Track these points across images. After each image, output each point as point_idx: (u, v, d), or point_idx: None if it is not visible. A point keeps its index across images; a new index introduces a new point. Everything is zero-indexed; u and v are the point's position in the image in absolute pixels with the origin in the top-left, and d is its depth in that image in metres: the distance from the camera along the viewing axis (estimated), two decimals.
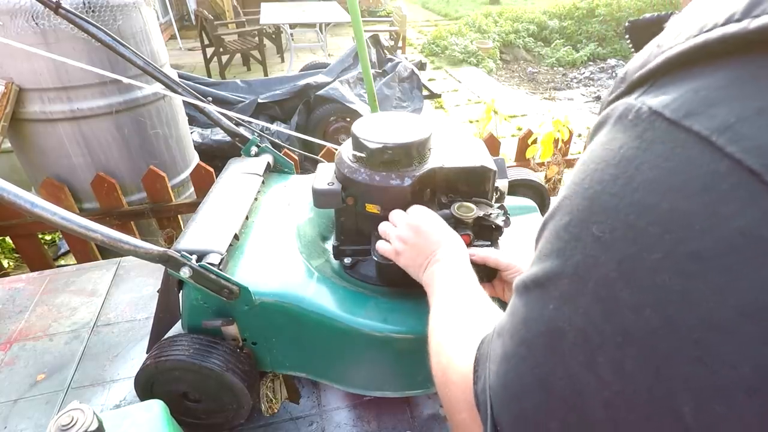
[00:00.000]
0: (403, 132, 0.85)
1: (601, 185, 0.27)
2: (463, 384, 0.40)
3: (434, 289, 0.64)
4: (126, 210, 1.99)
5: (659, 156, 0.25)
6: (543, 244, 0.32)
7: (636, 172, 0.26)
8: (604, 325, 0.26)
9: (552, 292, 0.30)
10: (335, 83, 3.67)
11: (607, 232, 0.26)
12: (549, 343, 0.29)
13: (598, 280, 0.26)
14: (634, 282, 0.25)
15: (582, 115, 5.33)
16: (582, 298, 0.27)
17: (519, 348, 0.32)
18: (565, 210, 0.30)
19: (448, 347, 0.49)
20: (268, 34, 6.69)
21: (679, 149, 0.24)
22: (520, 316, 0.33)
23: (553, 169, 2.31)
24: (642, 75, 0.28)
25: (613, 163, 0.27)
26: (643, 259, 0.24)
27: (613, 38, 7.79)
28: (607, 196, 0.27)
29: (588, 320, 0.27)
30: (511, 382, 0.32)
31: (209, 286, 0.85)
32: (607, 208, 0.27)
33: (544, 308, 0.30)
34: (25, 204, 0.67)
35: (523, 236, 1.06)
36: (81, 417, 0.66)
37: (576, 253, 0.28)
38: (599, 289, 0.26)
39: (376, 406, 1.16)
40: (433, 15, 10.99)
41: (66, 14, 1.19)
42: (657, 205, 0.24)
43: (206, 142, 3.23)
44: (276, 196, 1.19)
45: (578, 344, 0.27)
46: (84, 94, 1.92)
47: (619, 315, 0.25)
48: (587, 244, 0.27)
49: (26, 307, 1.48)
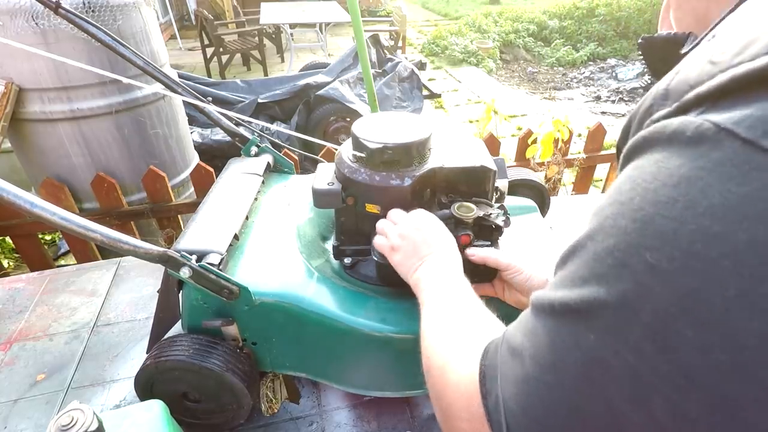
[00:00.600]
0: (403, 132, 0.85)
1: (655, 206, 0.25)
2: (465, 392, 0.39)
3: (425, 291, 0.63)
4: (126, 210, 1.99)
5: (731, 179, 0.22)
6: (578, 267, 0.30)
7: (700, 195, 0.23)
8: (660, 364, 0.24)
9: (593, 322, 0.27)
10: (335, 83, 3.67)
11: (664, 261, 0.24)
12: (587, 374, 0.27)
13: (653, 314, 0.24)
14: (701, 320, 0.22)
15: (582, 115, 5.34)
16: (632, 332, 0.25)
17: (545, 374, 0.30)
18: (608, 231, 0.27)
19: (443, 349, 0.48)
20: (268, 34, 6.69)
21: (755, 172, 0.21)
22: (544, 341, 0.31)
23: (553, 169, 2.31)
24: (702, 92, 0.25)
25: (670, 184, 0.25)
26: (713, 295, 0.22)
27: (613, 38, 7.79)
28: (664, 219, 0.24)
29: (639, 356, 0.25)
30: (533, 409, 0.30)
31: (209, 286, 0.84)
32: (664, 233, 0.24)
33: (582, 338, 0.28)
34: (25, 204, 0.67)
35: (523, 236, 1.06)
36: (81, 417, 0.66)
37: (624, 281, 0.26)
38: (655, 324, 0.24)
39: (376, 406, 1.16)
40: (433, 15, 10.99)
41: (66, 14, 1.19)
42: (731, 235, 0.22)
43: (206, 142, 3.23)
44: (276, 196, 1.19)
45: (626, 379, 0.25)
46: (84, 94, 1.92)
47: (682, 355, 0.23)
48: (638, 272, 0.25)
49: (26, 307, 1.48)
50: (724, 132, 0.23)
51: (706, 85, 0.25)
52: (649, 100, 0.30)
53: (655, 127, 0.27)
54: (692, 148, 0.24)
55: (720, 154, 0.23)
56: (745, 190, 0.22)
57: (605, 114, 5.48)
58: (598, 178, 3.09)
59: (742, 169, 0.22)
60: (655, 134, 0.27)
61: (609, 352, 0.26)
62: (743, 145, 0.22)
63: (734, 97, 0.24)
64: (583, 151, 2.44)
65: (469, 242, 0.82)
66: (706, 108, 0.25)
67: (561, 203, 2.04)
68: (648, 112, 0.29)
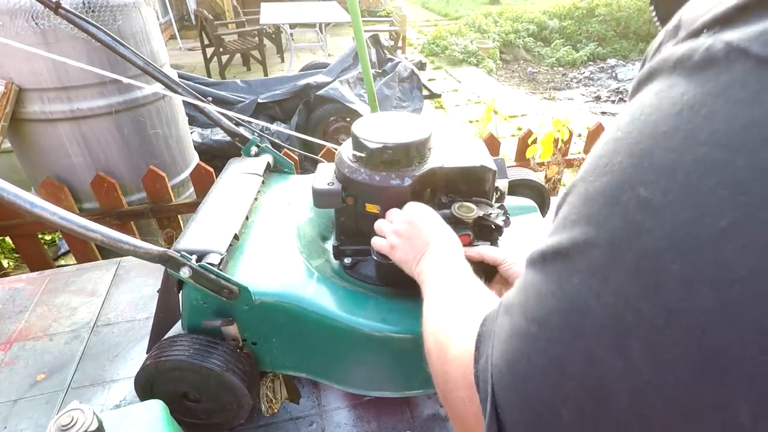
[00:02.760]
0: (403, 132, 0.85)
1: (653, 139, 0.23)
2: (463, 362, 0.37)
3: (428, 278, 0.63)
4: (126, 210, 1.99)
5: (739, 102, 0.20)
6: (568, 210, 0.28)
7: (704, 122, 0.21)
8: (641, 303, 0.22)
9: (578, 263, 0.25)
10: (335, 83, 3.67)
11: (659, 194, 0.22)
12: (568, 320, 0.25)
13: (640, 251, 0.22)
14: (690, 253, 0.20)
15: (582, 115, 5.33)
16: (616, 272, 0.23)
17: (530, 325, 0.28)
18: (601, 170, 0.25)
19: (445, 327, 0.46)
20: (268, 34, 6.69)
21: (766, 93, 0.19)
22: (533, 291, 0.29)
23: (553, 169, 2.31)
24: (716, 14, 0.22)
25: (672, 113, 0.22)
26: (706, 226, 0.20)
27: (613, 38, 7.79)
28: (662, 150, 0.22)
29: (621, 297, 0.23)
30: (517, 362, 0.28)
31: (209, 286, 0.85)
32: (661, 165, 0.22)
33: (566, 281, 0.26)
34: (25, 204, 0.67)
35: (523, 236, 1.06)
36: (81, 417, 0.66)
37: (614, 219, 0.24)
38: (641, 261, 0.22)
39: (376, 406, 1.16)
40: (433, 15, 10.99)
41: (66, 14, 1.19)
42: (731, 161, 0.20)
43: (206, 142, 3.23)
44: (276, 196, 1.19)
45: (606, 324, 0.23)
46: (84, 94, 1.92)
47: (664, 292, 0.21)
48: (630, 208, 0.23)
49: (26, 307, 1.48)
50: (735, 51, 0.20)
51: (723, 3, 0.22)
52: (660, 36, 0.27)
53: (660, 56, 0.25)
54: (698, 73, 0.22)
55: (729, 77, 0.21)
56: (753, 113, 0.19)
57: (605, 114, 5.48)
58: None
59: (753, 90, 0.20)
60: (661, 63, 0.25)
61: (591, 296, 0.24)
62: (757, 64, 0.20)
63: (753, 12, 0.21)
64: (583, 151, 2.44)
65: (469, 242, 0.82)
66: (718, 28, 0.22)
67: None
68: (658, 48, 0.27)
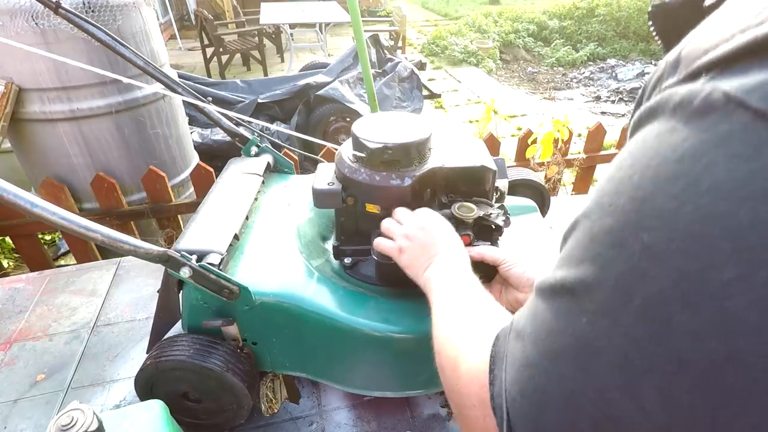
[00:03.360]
0: (403, 132, 0.85)
1: (654, 185, 0.23)
2: (476, 379, 0.38)
3: (436, 287, 0.63)
4: (126, 210, 1.99)
5: (738, 154, 0.20)
6: (574, 246, 0.28)
7: (704, 171, 0.21)
8: (651, 349, 0.23)
9: (585, 303, 0.26)
10: (335, 83, 3.67)
11: (662, 242, 0.22)
12: (579, 359, 0.26)
13: (647, 298, 0.23)
14: (696, 305, 0.21)
15: (582, 115, 5.34)
16: (625, 316, 0.24)
17: (542, 359, 0.29)
18: (606, 209, 0.26)
19: (456, 339, 0.47)
20: (268, 34, 6.69)
21: (766, 147, 0.20)
22: (544, 323, 0.30)
23: (553, 169, 2.31)
24: (716, 56, 0.23)
25: (672, 159, 0.23)
26: (710, 279, 0.21)
27: (613, 38, 7.79)
28: (664, 198, 0.23)
29: (631, 342, 0.23)
30: (531, 392, 0.29)
31: (209, 286, 0.84)
32: (662, 212, 0.23)
33: (575, 320, 0.27)
34: (25, 204, 0.67)
35: (523, 236, 1.06)
36: (81, 417, 0.66)
37: (618, 263, 0.25)
38: (649, 308, 0.23)
39: (376, 406, 1.16)
40: (433, 15, 10.99)
41: (66, 14, 1.19)
42: (733, 214, 0.20)
43: (206, 142, 3.23)
44: (276, 196, 1.19)
45: (617, 366, 0.24)
46: (84, 94, 1.92)
47: (673, 340, 0.22)
48: (634, 253, 0.24)
49: (26, 307, 1.48)
50: (734, 102, 0.21)
51: (721, 47, 0.23)
52: (660, 69, 0.28)
53: (661, 96, 0.26)
54: (698, 119, 0.22)
55: (728, 127, 0.21)
56: (753, 167, 0.20)
57: (605, 114, 5.48)
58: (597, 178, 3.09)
59: (751, 144, 0.20)
60: (661, 103, 0.25)
61: (601, 337, 0.25)
62: (754, 117, 0.20)
63: (750, 61, 0.21)
64: (583, 151, 2.44)
65: (469, 242, 0.82)
66: (716, 73, 0.23)
67: (561, 203, 2.04)
68: (658, 81, 0.27)
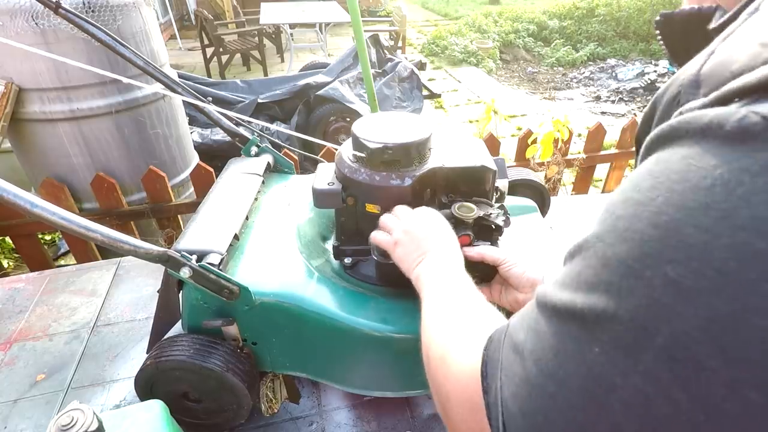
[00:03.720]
0: (403, 132, 0.85)
1: (681, 213, 0.21)
2: (467, 383, 0.38)
3: (426, 283, 0.63)
4: (126, 210, 1.99)
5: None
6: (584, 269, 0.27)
7: (741, 203, 0.20)
8: (677, 394, 0.21)
9: (598, 333, 0.24)
10: (335, 83, 3.67)
11: (690, 278, 0.20)
12: (591, 391, 0.25)
13: (672, 337, 0.21)
14: (730, 351, 0.19)
15: (582, 115, 5.34)
16: (645, 353, 0.22)
17: (546, 380, 0.27)
18: (621, 234, 0.24)
19: (444, 338, 0.47)
20: (268, 34, 6.69)
21: None
22: (548, 344, 0.28)
23: (553, 169, 2.31)
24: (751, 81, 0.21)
25: (702, 187, 0.21)
26: (748, 324, 0.19)
27: (613, 38, 7.79)
28: (692, 229, 0.21)
29: (652, 383, 0.22)
30: (532, 413, 0.28)
31: (209, 286, 0.84)
32: (691, 244, 0.21)
33: (586, 349, 0.25)
34: (25, 204, 0.67)
35: (523, 236, 1.06)
36: (81, 417, 0.66)
37: (636, 295, 0.23)
38: (674, 348, 0.21)
39: (376, 406, 1.16)
40: (433, 15, 10.99)
41: (66, 14, 1.19)
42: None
43: (206, 142, 3.23)
44: (276, 196, 1.19)
45: (636, 406, 0.22)
46: (84, 94, 1.92)
47: (704, 388, 0.20)
48: (656, 287, 0.22)
49: (26, 307, 1.48)
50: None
51: (757, 72, 0.21)
52: (675, 87, 0.26)
53: (685, 117, 0.24)
54: (732, 144, 0.21)
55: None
56: None
57: (605, 114, 5.48)
58: (598, 178, 3.09)
59: None
60: (685, 125, 0.23)
61: (616, 372, 0.23)
62: None
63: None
64: (583, 151, 2.44)
65: (469, 242, 0.82)
66: (753, 99, 0.21)
67: (561, 203, 2.04)
68: (675, 101, 0.26)
